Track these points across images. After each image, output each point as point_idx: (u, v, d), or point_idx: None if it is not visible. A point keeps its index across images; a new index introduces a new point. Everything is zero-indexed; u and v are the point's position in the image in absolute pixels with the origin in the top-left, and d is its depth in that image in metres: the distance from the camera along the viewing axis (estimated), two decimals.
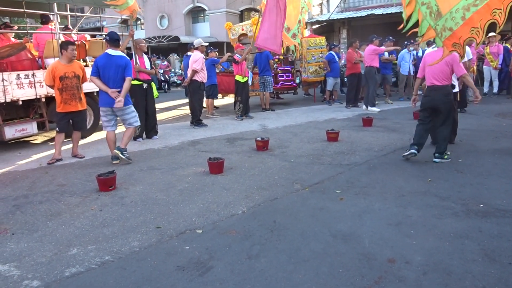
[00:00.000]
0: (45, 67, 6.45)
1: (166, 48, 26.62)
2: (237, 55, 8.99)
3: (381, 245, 2.77)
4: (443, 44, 4.25)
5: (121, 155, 5.17)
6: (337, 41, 19.12)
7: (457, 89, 5.53)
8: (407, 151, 4.90)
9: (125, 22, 17.84)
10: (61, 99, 5.30)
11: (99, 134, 7.34)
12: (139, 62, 6.47)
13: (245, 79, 8.82)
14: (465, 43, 4.06)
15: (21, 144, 6.88)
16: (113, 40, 5.24)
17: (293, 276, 2.42)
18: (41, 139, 7.30)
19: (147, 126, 6.84)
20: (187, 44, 11.03)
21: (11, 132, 6.05)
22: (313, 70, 11.13)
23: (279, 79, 11.32)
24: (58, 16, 7.10)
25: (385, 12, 16.80)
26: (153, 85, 6.96)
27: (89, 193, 4.10)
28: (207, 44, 8.85)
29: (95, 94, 7.07)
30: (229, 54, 10.26)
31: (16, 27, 8.00)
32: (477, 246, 2.71)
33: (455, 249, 2.67)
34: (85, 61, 7.37)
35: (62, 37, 6.96)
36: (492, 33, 10.08)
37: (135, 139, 6.61)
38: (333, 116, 8.85)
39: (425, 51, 8.59)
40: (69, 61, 5.35)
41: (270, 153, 5.54)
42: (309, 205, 3.58)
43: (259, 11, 8.15)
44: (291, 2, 10.41)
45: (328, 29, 20.73)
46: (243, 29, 11.75)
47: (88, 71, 5.66)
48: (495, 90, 11.06)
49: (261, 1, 7.76)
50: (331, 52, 10.60)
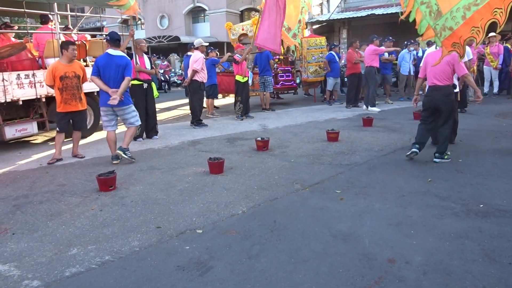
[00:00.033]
0: (45, 67, 6.45)
1: (166, 48, 26.64)
2: (237, 55, 8.99)
3: (381, 245, 2.77)
4: (442, 44, 4.25)
5: (123, 155, 5.20)
6: (337, 41, 19.13)
7: (457, 89, 5.53)
8: (409, 150, 4.92)
9: (125, 22, 17.87)
10: (61, 99, 5.31)
11: (99, 134, 7.35)
12: (139, 62, 6.48)
13: (245, 79, 8.82)
14: (465, 43, 4.06)
15: (21, 144, 6.88)
16: (113, 40, 5.25)
17: (293, 276, 2.43)
18: (41, 139, 7.31)
19: (147, 126, 6.84)
20: (187, 44, 11.03)
21: (12, 132, 6.05)
22: (313, 70, 11.13)
23: (279, 79, 11.32)
24: (58, 16, 7.10)
25: (385, 12, 16.81)
26: (153, 85, 6.97)
27: (89, 193, 4.11)
28: (207, 44, 8.85)
29: (95, 94, 7.08)
30: (229, 54, 10.26)
31: (16, 27, 8.00)
32: (477, 246, 2.71)
33: (455, 249, 2.67)
34: (85, 61, 7.37)
35: (62, 37, 6.96)
36: (492, 33, 10.08)
37: (135, 139, 6.61)
38: (333, 116, 8.85)
39: (425, 51, 8.59)
40: (69, 61, 5.35)
41: (270, 153, 5.54)
42: (309, 205, 3.58)
43: (259, 11, 8.14)
44: (292, 1, 10.40)
45: (328, 29, 20.74)
46: (243, 29, 11.76)
47: (88, 71, 5.66)
48: (495, 90, 11.07)
49: (261, 1, 7.74)
50: (331, 52, 10.60)
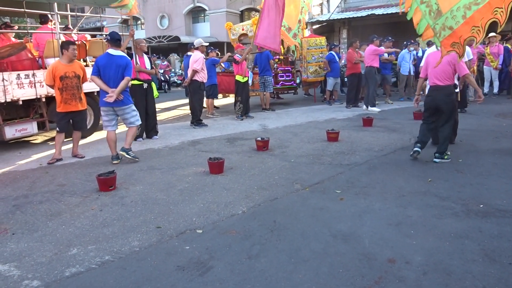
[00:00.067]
0: (46, 67, 6.45)
1: (166, 48, 26.64)
2: (237, 55, 8.99)
3: (381, 245, 2.77)
4: (440, 44, 4.24)
5: (127, 155, 5.23)
6: (337, 41, 19.13)
7: (457, 89, 5.53)
8: (411, 150, 4.96)
9: (125, 22, 17.85)
10: (61, 99, 5.31)
11: (99, 134, 7.35)
12: (139, 62, 6.48)
13: (245, 79, 8.82)
14: (465, 43, 4.05)
15: (21, 144, 6.88)
16: (114, 40, 5.25)
17: (293, 276, 2.43)
18: (41, 139, 7.30)
19: (147, 126, 6.84)
20: (187, 44, 11.04)
21: (11, 132, 6.06)
22: (313, 70, 11.13)
23: (279, 79, 11.32)
24: (58, 16, 7.10)
25: (385, 12, 16.81)
26: (153, 85, 6.97)
27: (89, 193, 4.10)
28: (208, 44, 8.85)
29: (95, 94, 7.08)
30: (229, 54, 10.26)
31: (16, 27, 8.00)
32: (477, 246, 2.71)
33: (455, 249, 2.67)
34: (85, 61, 7.37)
35: (62, 37, 6.96)
36: (492, 33, 10.08)
37: (135, 139, 6.60)
38: (333, 116, 8.85)
39: (425, 51, 8.59)
40: (69, 61, 5.35)
41: (270, 153, 5.54)
42: (309, 205, 3.58)
43: (259, 11, 8.14)
44: (292, 1, 10.41)
45: (328, 29, 20.74)
46: (243, 29, 11.76)
47: (88, 71, 5.66)
48: (496, 90, 11.07)
49: (261, 1, 7.74)
50: (331, 52, 10.60)
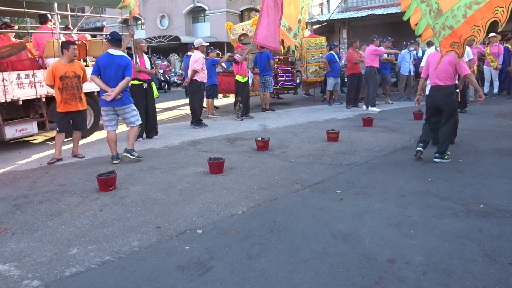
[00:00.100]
0: (46, 67, 6.45)
1: (166, 48, 26.64)
2: (237, 55, 8.99)
3: (381, 245, 2.77)
4: (439, 44, 4.23)
5: (130, 156, 5.28)
6: (337, 41, 19.12)
7: (457, 89, 5.52)
8: (415, 150, 4.99)
9: (125, 22, 17.85)
10: (61, 98, 5.31)
11: (99, 134, 7.35)
12: (139, 62, 6.48)
13: (245, 79, 8.82)
14: (465, 42, 4.04)
15: (21, 144, 6.88)
16: (115, 40, 5.26)
17: (293, 276, 2.42)
18: (41, 139, 7.31)
19: (147, 126, 6.84)
20: (188, 44, 11.04)
21: (12, 131, 6.06)
22: (313, 70, 11.13)
23: (279, 79, 11.32)
24: (58, 15, 7.10)
25: (385, 12, 16.80)
26: (153, 85, 6.97)
27: (89, 193, 4.10)
28: (208, 44, 8.85)
29: (96, 94, 7.07)
30: (229, 54, 10.25)
31: (16, 27, 8.00)
32: (477, 246, 2.71)
33: (455, 249, 2.67)
34: (85, 61, 7.37)
35: (62, 37, 6.96)
36: (492, 33, 10.08)
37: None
38: (333, 116, 8.85)
39: (425, 51, 8.59)
40: (69, 60, 5.35)
41: (270, 153, 5.54)
42: (309, 205, 3.58)
43: (259, 11, 8.14)
44: (293, 1, 10.42)
45: (328, 29, 20.73)
46: (243, 29, 11.76)
47: (88, 71, 5.66)
48: (496, 90, 11.07)
49: (261, 1, 7.74)
50: (331, 52, 10.60)
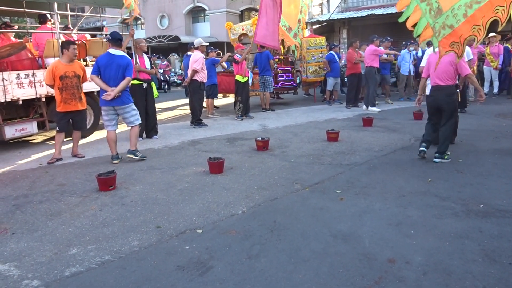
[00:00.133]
0: (45, 67, 6.45)
1: (166, 48, 26.63)
2: (237, 55, 8.99)
3: (381, 245, 2.77)
4: (439, 44, 4.23)
5: (134, 156, 5.32)
6: (337, 41, 19.12)
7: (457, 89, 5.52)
8: (418, 150, 5.00)
9: (125, 22, 17.83)
10: (61, 98, 5.31)
11: (99, 133, 7.35)
12: (139, 61, 6.48)
13: (245, 79, 8.81)
14: (465, 42, 4.03)
15: (21, 143, 6.88)
16: (115, 40, 5.26)
17: (293, 276, 2.42)
18: (41, 139, 7.30)
19: (147, 125, 6.84)
20: (187, 44, 11.03)
21: (11, 131, 6.05)
22: (313, 70, 11.13)
23: (279, 79, 11.32)
24: (58, 15, 7.09)
25: (385, 12, 16.80)
26: (153, 85, 6.97)
27: (89, 192, 4.10)
28: (208, 44, 8.85)
29: (95, 93, 7.07)
30: (229, 54, 10.25)
31: (16, 27, 8.00)
32: (477, 246, 2.71)
33: (455, 249, 2.67)
34: (85, 60, 7.37)
35: (62, 37, 6.96)
36: (492, 33, 10.08)
37: None
38: (333, 116, 8.85)
39: (425, 51, 8.59)
40: (69, 60, 5.35)
41: (270, 153, 5.54)
42: (309, 205, 3.58)
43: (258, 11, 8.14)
44: (293, 1, 10.42)
45: (328, 29, 20.73)
46: (243, 29, 11.76)
47: (88, 71, 5.66)
48: (495, 90, 11.07)
49: (260, 0, 7.74)
50: (331, 52, 10.60)
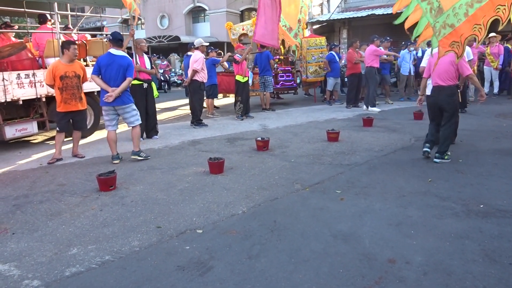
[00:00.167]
0: (46, 67, 6.45)
1: (166, 48, 26.63)
2: (237, 55, 8.99)
3: (381, 245, 2.77)
4: (438, 44, 4.22)
5: (139, 157, 5.36)
6: (337, 41, 19.11)
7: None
8: (422, 151, 5.02)
9: (125, 22, 17.85)
10: (61, 98, 5.31)
11: (99, 133, 7.35)
12: (139, 61, 6.48)
13: (246, 79, 8.81)
14: (465, 42, 4.02)
15: (22, 143, 6.88)
16: (116, 40, 5.27)
17: (293, 276, 2.42)
18: (41, 139, 7.30)
19: (148, 126, 6.84)
20: (188, 44, 11.03)
21: (12, 131, 6.06)
22: (313, 70, 11.13)
23: (279, 79, 11.32)
24: (58, 15, 7.09)
25: (385, 12, 16.77)
26: (153, 85, 6.97)
27: (89, 192, 4.10)
28: (208, 44, 8.85)
29: (96, 93, 7.07)
30: (229, 54, 10.25)
31: (16, 27, 8.00)
32: (477, 246, 2.71)
33: (455, 250, 2.67)
34: (85, 60, 7.37)
35: (62, 37, 6.96)
36: (492, 34, 10.08)
37: None
38: (333, 116, 8.85)
39: (425, 51, 8.59)
40: (70, 60, 5.35)
41: (270, 153, 5.54)
42: (310, 205, 3.58)
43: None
44: (293, 1, 10.42)
45: (328, 29, 20.73)
46: (243, 29, 11.76)
47: (88, 71, 5.66)
48: (496, 90, 11.06)
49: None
50: (331, 52, 10.60)
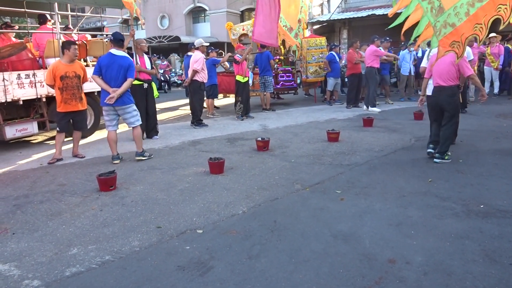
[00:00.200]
0: (46, 67, 6.45)
1: (166, 48, 26.64)
2: (237, 55, 8.99)
3: (381, 245, 2.77)
4: (439, 43, 4.22)
5: (143, 157, 5.37)
6: (337, 42, 19.11)
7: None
8: (426, 152, 5.04)
9: (125, 22, 17.85)
10: (61, 98, 5.31)
11: (100, 133, 7.35)
12: (139, 62, 6.48)
13: (246, 79, 8.82)
14: (466, 41, 4.01)
15: (22, 143, 6.89)
16: (117, 40, 5.27)
17: (293, 276, 2.42)
18: (41, 139, 7.31)
19: (148, 126, 6.84)
20: (188, 44, 11.03)
21: (12, 131, 6.06)
22: (313, 70, 11.13)
23: (280, 79, 11.32)
24: (59, 16, 7.10)
25: (386, 12, 16.76)
26: (154, 85, 6.97)
27: (89, 193, 4.11)
28: (208, 44, 8.85)
29: (96, 94, 7.08)
30: (229, 54, 10.25)
31: (17, 27, 8.00)
32: (477, 246, 2.71)
33: (455, 250, 2.67)
34: (85, 61, 7.37)
35: (62, 37, 6.96)
36: (493, 34, 10.08)
37: None
38: (333, 116, 8.85)
39: (425, 51, 8.59)
40: (70, 60, 5.36)
41: (270, 153, 5.54)
42: (310, 205, 3.58)
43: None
44: (293, 1, 10.41)
45: (328, 29, 20.73)
46: (243, 29, 11.76)
47: (89, 71, 5.66)
48: (496, 90, 11.06)
49: None
50: (331, 52, 10.60)
